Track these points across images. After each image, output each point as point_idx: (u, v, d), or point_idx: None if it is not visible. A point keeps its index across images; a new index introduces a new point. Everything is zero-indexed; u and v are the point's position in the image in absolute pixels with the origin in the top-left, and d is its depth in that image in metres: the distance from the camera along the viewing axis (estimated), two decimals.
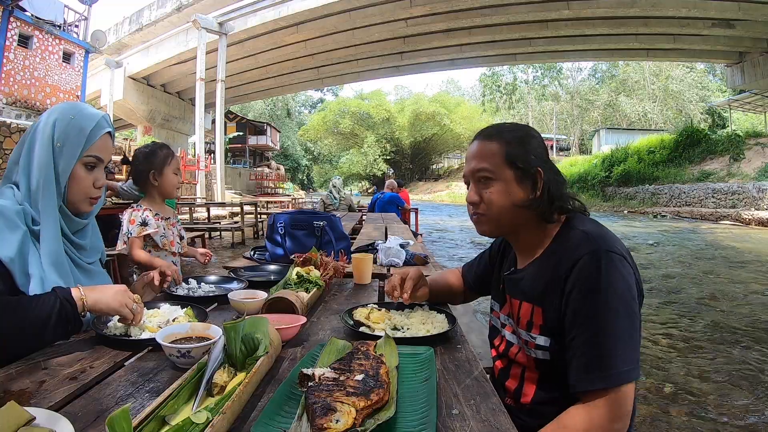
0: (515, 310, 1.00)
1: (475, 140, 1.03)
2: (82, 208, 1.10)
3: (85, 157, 1.06)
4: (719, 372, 2.87)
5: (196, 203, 11.46)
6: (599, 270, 0.82)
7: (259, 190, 27.40)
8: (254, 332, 0.80)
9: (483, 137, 1.02)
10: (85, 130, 1.05)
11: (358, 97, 49.86)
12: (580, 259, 0.85)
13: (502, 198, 0.96)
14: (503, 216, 0.97)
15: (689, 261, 7.27)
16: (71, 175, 1.05)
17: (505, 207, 0.96)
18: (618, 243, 0.88)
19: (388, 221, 4.68)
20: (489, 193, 0.97)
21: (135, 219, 1.97)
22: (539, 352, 0.92)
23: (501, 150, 0.97)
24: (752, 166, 17.04)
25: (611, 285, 0.81)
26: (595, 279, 0.82)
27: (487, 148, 0.99)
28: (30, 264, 0.96)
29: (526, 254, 1.02)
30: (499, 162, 0.96)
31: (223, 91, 16.98)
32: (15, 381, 0.76)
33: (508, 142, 0.97)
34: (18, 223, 0.97)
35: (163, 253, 2.05)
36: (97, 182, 1.09)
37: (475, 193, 0.99)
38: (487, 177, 0.97)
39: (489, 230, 1.02)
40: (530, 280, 0.97)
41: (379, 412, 0.62)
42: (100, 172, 1.11)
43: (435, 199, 34.64)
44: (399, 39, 19.56)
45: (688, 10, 15.29)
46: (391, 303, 1.21)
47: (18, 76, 12.38)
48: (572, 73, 46.21)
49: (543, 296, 0.92)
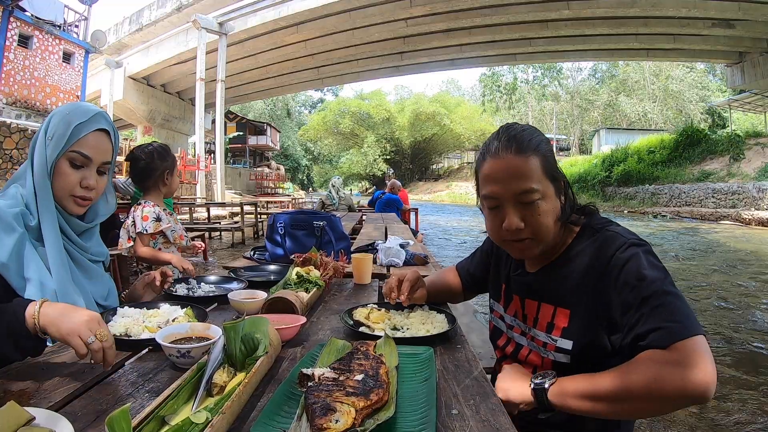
0: (531, 311, 0.97)
1: (506, 153, 0.88)
2: (68, 207, 1.04)
3: (69, 152, 1.01)
4: (720, 372, 2.87)
5: (196, 203, 11.46)
6: (638, 259, 0.81)
7: (259, 190, 27.41)
8: (254, 332, 0.80)
9: (516, 149, 0.87)
10: (71, 124, 1.01)
11: (358, 97, 49.85)
12: (614, 255, 0.83)
13: (551, 216, 0.88)
14: (550, 234, 0.90)
15: (689, 261, 7.27)
16: (55, 171, 1.01)
17: (551, 225, 0.89)
18: (638, 237, 0.88)
19: (388, 221, 4.68)
20: (538, 216, 0.87)
21: (149, 215, 1.98)
22: (559, 355, 0.89)
23: (541, 163, 0.88)
24: (752, 166, 17.04)
25: (655, 269, 0.80)
26: (637, 268, 0.80)
27: (528, 163, 0.87)
28: (27, 267, 0.94)
29: (538, 259, 0.97)
30: (542, 178, 0.87)
31: (223, 91, 16.99)
32: (15, 381, 0.76)
33: (544, 154, 0.89)
34: (14, 226, 0.95)
35: (173, 247, 2.07)
36: (83, 181, 1.03)
37: (519, 218, 0.87)
38: (536, 198, 0.87)
39: (537, 253, 0.92)
40: (551, 282, 0.93)
41: (378, 412, 0.62)
42: (89, 171, 1.04)
43: (435, 199, 34.63)
44: (399, 39, 19.58)
45: (688, 10, 15.30)
46: (390, 303, 1.21)
47: (18, 76, 12.40)
48: (572, 73, 46.22)
49: (571, 298, 0.89)
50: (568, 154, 37.56)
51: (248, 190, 26.63)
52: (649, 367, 0.72)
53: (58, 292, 0.96)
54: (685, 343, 0.71)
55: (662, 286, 0.77)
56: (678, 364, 0.70)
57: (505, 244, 0.93)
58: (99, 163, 1.06)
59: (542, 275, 0.96)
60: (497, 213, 0.90)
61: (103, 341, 0.75)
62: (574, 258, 0.91)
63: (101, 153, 1.06)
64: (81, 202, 1.05)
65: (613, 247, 0.85)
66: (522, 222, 0.87)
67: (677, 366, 0.70)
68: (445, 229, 13.01)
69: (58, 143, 1.00)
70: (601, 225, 0.91)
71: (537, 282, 0.96)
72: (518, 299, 1.01)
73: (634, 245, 0.83)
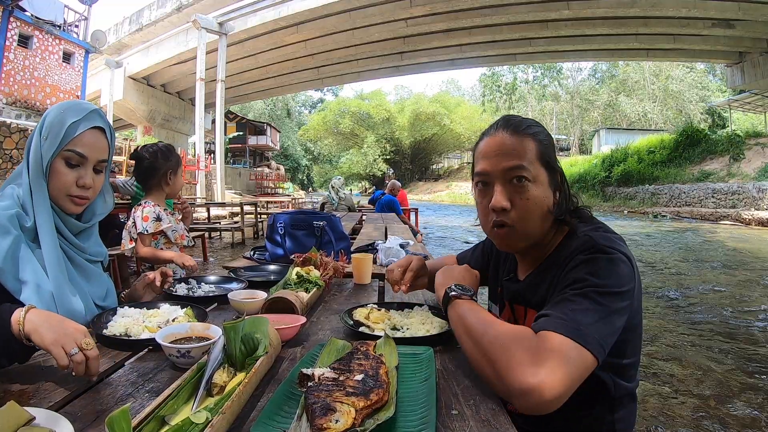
0: (520, 317, 0.96)
1: (501, 131, 0.87)
2: (65, 206, 1.03)
3: (63, 151, 0.99)
4: (720, 373, 2.87)
5: (196, 203, 11.46)
6: (593, 263, 0.78)
7: (259, 190, 27.41)
8: (254, 332, 0.80)
9: (512, 129, 0.86)
10: (65, 122, 0.99)
11: (358, 97, 49.88)
12: (575, 256, 0.81)
13: (539, 204, 0.85)
14: (537, 226, 0.87)
15: (689, 261, 7.27)
16: (50, 170, 1.00)
17: (541, 216, 0.86)
18: (618, 244, 0.83)
19: (388, 221, 4.68)
20: (526, 198, 0.84)
21: (149, 216, 1.98)
22: None
23: (536, 147, 0.86)
24: (752, 166, 17.04)
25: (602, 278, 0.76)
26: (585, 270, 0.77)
27: (520, 142, 0.85)
28: (23, 270, 0.93)
29: (530, 263, 0.97)
30: (534, 161, 0.85)
31: (223, 91, 16.99)
32: (15, 381, 0.76)
33: (540, 140, 0.86)
34: (9, 228, 0.94)
35: (175, 247, 2.07)
36: (80, 180, 1.02)
37: (505, 197, 0.84)
38: (524, 177, 0.84)
39: (520, 247, 0.90)
40: (537, 287, 0.92)
41: (378, 412, 0.62)
42: (86, 170, 1.03)
43: (435, 199, 34.64)
44: (399, 39, 19.57)
45: (688, 10, 15.30)
46: (390, 303, 1.21)
47: (18, 76, 12.40)
48: (572, 73, 46.22)
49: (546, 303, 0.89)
50: (568, 154, 37.54)
51: (248, 190, 26.63)
52: (515, 335, 0.70)
53: (54, 294, 0.96)
54: (556, 339, 0.67)
55: (591, 292, 0.74)
56: (532, 350, 0.66)
57: (492, 232, 0.91)
58: (95, 162, 1.04)
59: (530, 280, 0.95)
60: (486, 193, 0.89)
61: (87, 350, 0.73)
62: (552, 264, 0.89)
63: (97, 151, 1.04)
64: (78, 201, 1.04)
65: (579, 249, 0.82)
66: (509, 202, 0.85)
67: (529, 350, 0.66)
68: (446, 228, 13.02)
69: (53, 142, 0.99)
70: (584, 228, 0.88)
71: (525, 288, 0.96)
72: (509, 305, 1.01)
73: (600, 251, 0.79)
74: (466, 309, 0.83)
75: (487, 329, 0.75)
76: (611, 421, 0.89)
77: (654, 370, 2.91)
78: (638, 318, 0.88)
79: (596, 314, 0.72)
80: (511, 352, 0.68)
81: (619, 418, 0.89)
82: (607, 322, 0.72)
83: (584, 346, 0.67)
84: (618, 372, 0.87)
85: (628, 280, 0.78)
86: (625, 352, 0.86)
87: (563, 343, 0.67)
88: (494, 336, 0.73)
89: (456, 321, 0.84)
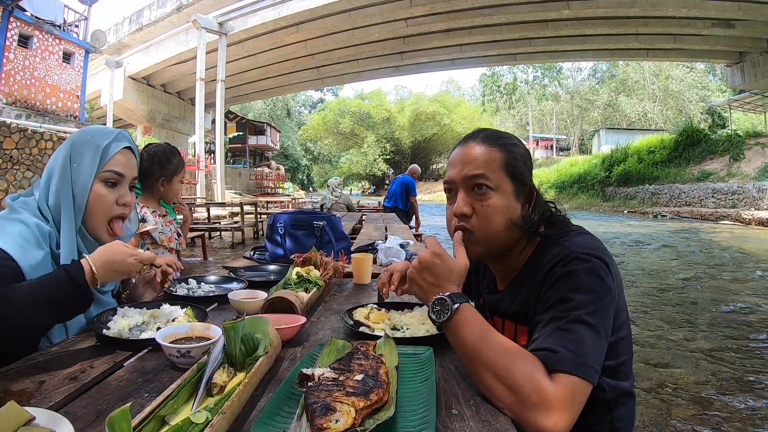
0: (498, 329, 0.95)
1: (468, 142, 0.91)
2: (102, 237, 1.05)
3: (103, 172, 1.03)
4: (720, 373, 2.87)
5: (196, 203, 11.46)
6: (573, 277, 0.78)
7: (259, 190, 27.41)
8: (254, 332, 0.80)
9: (479, 140, 0.90)
10: (100, 145, 1.04)
11: (358, 97, 49.89)
12: (553, 268, 0.81)
13: (500, 213, 0.86)
14: (498, 235, 0.87)
15: (689, 261, 7.27)
16: (91, 194, 1.02)
17: (503, 224, 0.87)
18: (592, 247, 0.82)
19: (388, 221, 4.68)
20: (486, 206, 0.86)
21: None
22: None
23: (501, 157, 0.87)
24: (752, 166, 17.05)
25: (585, 293, 0.76)
26: (567, 286, 0.77)
27: (485, 152, 0.88)
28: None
29: (505, 274, 0.96)
30: (498, 170, 0.87)
31: (223, 91, 16.99)
32: (15, 381, 0.76)
33: (509, 151, 0.88)
34: (43, 245, 0.96)
35: (161, 249, 2.06)
36: (120, 199, 1.06)
37: (467, 203, 0.87)
38: (485, 185, 0.86)
39: (479, 252, 0.90)
40: (510, 300, 0.92)
41: (378, 412, 0.62)
42: (124, 188, 1.07)
43: (435, 199, 34.65)
44: (399, 39, 19.57)
45: (688, 10, 15.30)
46: (390, 303, 1.21)
47: (18, 76, 12.40)
48: (572, 73, 46.23)
49: (524, 315, 0.88)
50: (568, 154, 37.58)
51: (248, 190, 26.63)
52: (531, 374, 0.69)
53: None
54: (565, 380, 0.69)
55: (581, 313, 0.74)
56: (547, 393, 0.68)
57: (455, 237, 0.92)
58: (130, 180, 1.09)
59: (506, 292, 0.95)
60: (452, 200, 0.91)
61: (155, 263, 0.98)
62: (528, 275, 0.88)
63: (131, 169, 1.10)
64: (119, 223, 1.08)
65: (555, 259, 0.81)
66: (470, 208, 0.87)
67: (545, 393, 0.68)
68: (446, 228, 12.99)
69: (92, 165, 1.02)
70: (557, 236, 0.87)
71: (501, 300, 0.96)
72: (489, 315, 1.01)
73: (577, 260, 0.79)
74: (468, 333, 0.78)
75: (498, 359, 0.72)
76: (610, 420, 0.89)
77: (653, 370, 2.91)
78: (623, 315, 0.88)
79: (592, 340, 0.74)
80: (526, 392, 0.68)
81: (618, 416, 0.89)
82: (601, 342, 0.75)
83: (588, 380, 0.71)
84: (611, 374, 0.87)
85: (609, 284, 0.79)
86: (616, 353, 0.86)
87: (573, 383, 0.70)
88: (507, 368, 0.71)
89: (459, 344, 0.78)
